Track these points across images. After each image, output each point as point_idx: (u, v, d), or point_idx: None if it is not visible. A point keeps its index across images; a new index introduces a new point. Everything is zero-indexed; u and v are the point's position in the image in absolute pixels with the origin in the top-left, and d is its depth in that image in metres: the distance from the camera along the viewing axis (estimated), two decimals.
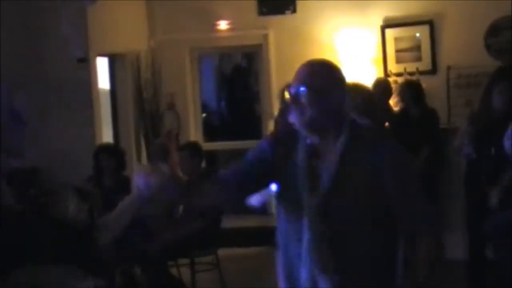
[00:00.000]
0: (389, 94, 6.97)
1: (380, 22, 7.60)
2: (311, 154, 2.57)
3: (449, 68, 7.23)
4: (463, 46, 7.39)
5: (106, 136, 7.23)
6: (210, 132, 8.77)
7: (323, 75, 2.57)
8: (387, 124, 6.13)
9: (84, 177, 5.96)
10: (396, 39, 7.59)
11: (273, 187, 2.70)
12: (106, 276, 5.51)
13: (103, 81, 7.43)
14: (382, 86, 6.89)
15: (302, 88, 2.53)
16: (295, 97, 2.55)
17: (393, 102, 7.09)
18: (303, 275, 2.56)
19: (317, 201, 2.52)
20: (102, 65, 7.41)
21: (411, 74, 7.35)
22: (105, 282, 5.48)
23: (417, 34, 7.54)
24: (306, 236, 2.52)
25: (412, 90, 6.89)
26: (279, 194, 2.68)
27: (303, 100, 2.53)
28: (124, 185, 5.92)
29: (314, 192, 2.52)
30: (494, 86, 5.27)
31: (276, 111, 7.53)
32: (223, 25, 7.98)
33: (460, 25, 7.45)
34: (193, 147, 5.88)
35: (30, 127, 6.37)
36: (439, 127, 6.84)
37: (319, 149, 2.58)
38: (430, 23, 7.50)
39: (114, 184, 5.85)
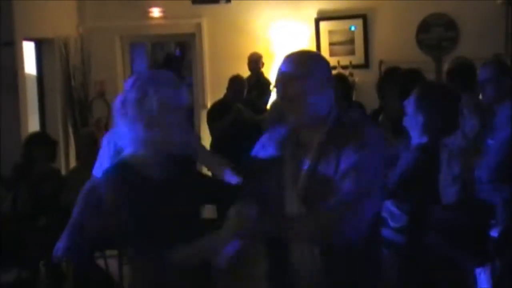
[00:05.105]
0: None
1: (314, 15, 7.61)
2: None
3: (381, 62, 7.29)
4: (395, 41, 7.48)
5: (32, 124, 6.98)
6: None
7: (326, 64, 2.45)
8: None
9: (9, 166, 5.75)
10: (330, 32, 7.62)
11: None
12: (31, 267, 5.35)
13: (30, 66, 7.19)
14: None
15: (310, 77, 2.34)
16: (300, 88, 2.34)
17: None
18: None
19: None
20: (29, 50, 7.17)
21: (344, 67, 7.38)
22: (30, 273, 5.33)
23: (352, 27, 7.58)
24: None
25: (339, 83, 6.91)
26: None
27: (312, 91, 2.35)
28: (52, 177, 5.74)
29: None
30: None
31: (208, 101, 7.45)
32: (156, 12, 7.84)
33: (393, 21, 7.54)
34: None
35: None
36: None
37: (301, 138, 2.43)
38: (364, 18, 7.56)
39: (42, 175, 5.66)
